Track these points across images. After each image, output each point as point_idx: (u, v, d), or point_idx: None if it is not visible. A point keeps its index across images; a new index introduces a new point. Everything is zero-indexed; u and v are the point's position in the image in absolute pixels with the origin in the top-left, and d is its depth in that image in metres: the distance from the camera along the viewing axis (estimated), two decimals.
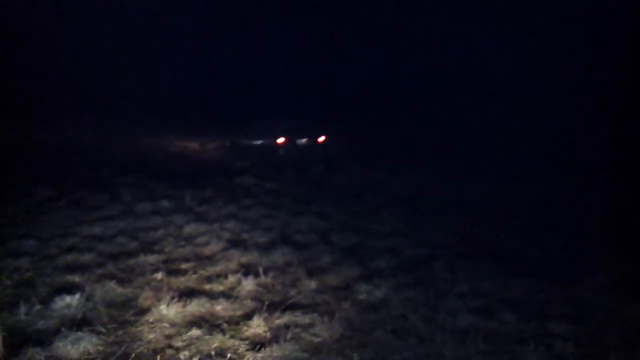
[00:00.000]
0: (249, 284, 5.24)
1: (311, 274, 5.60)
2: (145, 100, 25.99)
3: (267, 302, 4.81)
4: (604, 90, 21.14)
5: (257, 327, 4.35)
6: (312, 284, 5.31)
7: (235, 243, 6.59)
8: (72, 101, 23.29)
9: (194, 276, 5.46)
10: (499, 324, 4.59)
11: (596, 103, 20.27)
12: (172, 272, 5.50)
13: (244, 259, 6.02)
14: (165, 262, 5.86)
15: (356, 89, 29.62)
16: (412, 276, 5.62)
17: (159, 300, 4.74)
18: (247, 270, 5.58)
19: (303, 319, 4.50)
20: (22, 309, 4.51)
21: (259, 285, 5.26)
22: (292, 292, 5.15)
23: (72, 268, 5.54)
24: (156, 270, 5.48)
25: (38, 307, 4.58)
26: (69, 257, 5.87)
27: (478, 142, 18.40)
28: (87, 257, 5.88)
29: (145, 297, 4.86)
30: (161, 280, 5.27)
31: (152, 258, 5.93)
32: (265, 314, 4.54)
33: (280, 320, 4.48)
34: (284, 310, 4.65)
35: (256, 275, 5.42)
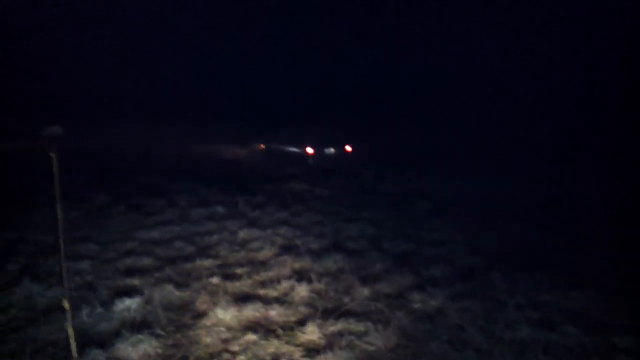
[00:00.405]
0: (302, 290, 5.27)
1: (364, 281, 5.58)
2: (176, 105, 26.63)
3: (320, 309, 4.84)
4: (605, 89, 20.47)
5: (312, 333, 4.37)
6: (365, 292, 5.29)
7: (288, 249, 6.65)
8: (110, 107, 24.11)
9: (249, 281, 5.54)
10: (559, 336, 4.45)
11: (601, 103, 19.66)
12: (227, 277, 5.60)
13: (297, 265, 6.06)
14: (220, 266, 5.97)
15: (357, 90, 29.55)
16: (468, 286, 5.52)
17: (215, 304, 4.84)
18: (300, 276, 5.62)
19: (357, 326, 4.49)
20: (85, 311, 4.69)
21: (312, 291, 5.29)
22: (346, 299, 5.15)
23: (131, 272, 5.72)
24: (212, 275, 5.59)
25: (99, 309, 4.75)
26: (128, 261, 6.06)
27: (499, 143, 18.07)
28: (145, 261, 6.05)
29: (202, 301, 4.96)
30: (217, 285, 5.37)
31: (207, 262, 6.05)
32: (319, 321, 4.56)
33: (334, 327, 4.49)
34: (338, 318, 4.66)
35: (309, 281, 5.45)
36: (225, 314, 4.63)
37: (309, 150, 15.61)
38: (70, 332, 3.22)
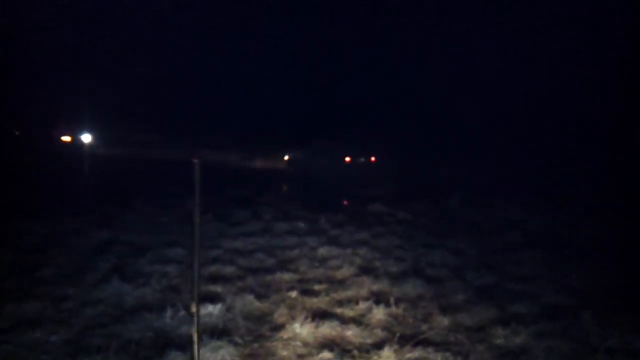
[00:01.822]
0: (379, 313, 5.20)
1: (444, 310, 5.43)
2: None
3: (398, 334, 4.74)
4: None
5: (388, 358, 4.28)
6: (445, 321, 5.14)
7: (367, 270, 6.60)
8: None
9: (326, 298, 5.54)
10: None
11: None
12: (305, 292, 5.63)
13: (375, 287, 6.00)
14: (299, 281, 6.02)
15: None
16: (556, 325, 5.21)
17: (293, 318, 4.87)
18: (378, 298, 5.55)
19: (435, 356, 4.36)
20: (168, 313, 4.86)
21: (389, 315, 5.20)
22: (424, 327, 5.02)
23: (215, 279, 5.90)
24: (291, 289, 5.65)
25: (182, 312, 4.91)
26: (213, 268, 6.25)
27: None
28: (228, 270, 6.22)
29: (280, 314, 5.02)
30: (295, 299, 5.41)
31: (287, 276, 6.12)
32: (396, 346, 4.46)
33: (411, 354, 4.38)
34: (415, 345, 4.54)
35: (387, 304, 5.37)
36: (302, 329, 4.65)
37: (347, 159, 15.97)
38: (195, 337, 3.32)
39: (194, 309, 3.23)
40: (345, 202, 13.35)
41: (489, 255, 7.91)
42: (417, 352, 4.40)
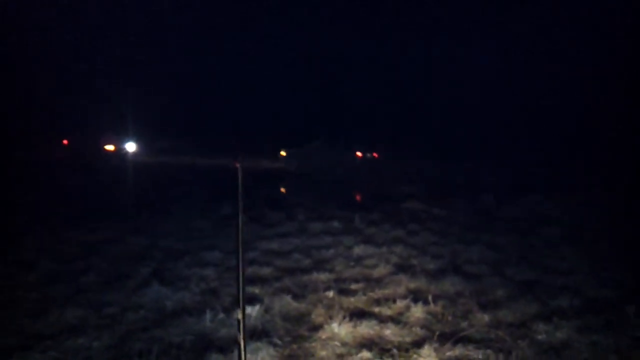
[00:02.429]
0: (418, 311, 5.15)
1: (484, 307, 5.34)
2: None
3: (437, 332, 4.69)
4: None
5: (428, 357, 4.24)
6: (485, 318, 5.06)
7: (403, 268, 6.56)
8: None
9: (364, 297, 5.52)
10: None
11: None
12: (342, 292, 5.62)
13: (412, 285, 5.95)
14: (336, 281, 6.01)
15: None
16: (599, 319, 5.08)
17: (331, 318, 4.87)
18: (416, 296, 5.50)
19: (476, 354, 4.29)
20: (208, 316, 4.91)
21: (428, 313, 5.15)
22: (464, 324, 4.95)
23: (252, 280, 5.94)
24: (328, 289, 5.65)
25: (221, 315, 4.96)
26: (250, 270, 6.30)
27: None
28: (265, 271, 6.26)
29: (318, 314, 5.02)
30: (332, 299, 5.41)
31: (323, 276, 6.13)
32: (436, 345, 4.42)
33: (451, 352, 4.32)
34: (456, 343, 4.48)
35: (425, 302, 5.32)
36: (340, 329, 4.64)
37: (359, 153, 16.16)
38: (242, 344, 3.34)
39: (239, 315, 3.25)
40: (358, 198, 13.30)
41: (528, 250, 7.76)
42: (458, 350, 4.34)
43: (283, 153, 18.82)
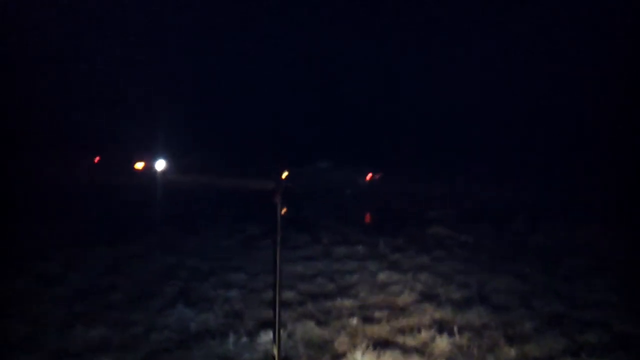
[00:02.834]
0: (443, 342, 5.06)
1: (511, 340, 5.22)
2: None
3: None
4: None
5: None
6: (512, 352, 4.94)
7: (429, 296, 6.46)
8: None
9: (388, 326, 5.45)
10: None
11: None
12: (366, 319, 5.56)
13: (438, 315, 5.86)
14: (360, 307, 5.96)
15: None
16: (629, 356, 4.93)
17: (354, 346, 4.82)
18: (441, 327, 5.42)
19: None
20: (231, 339, 4.92)
21: (453, 345, 5.06)
22: (490, 357, 4.84)
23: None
24: (352, 315, 5.60)
25: (245, 339, 4.96)
26: (273, 294, 6.27)
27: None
28: (289, 295, 6.25)
29: (341, 342, 4.98)
30: (356, 326, 5.36)
31: (347, 302, 6.08)
32: None
33: None
34: None
35: (451, 333, 5.23)
36: (364, 359, 4.59)
37: (370, 174, 15.95)
38: None
39: (274, 350, 3.25)
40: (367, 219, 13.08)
41: (557, 281, 7.58)
42: None
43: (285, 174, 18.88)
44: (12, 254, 8.01)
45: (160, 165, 18.82)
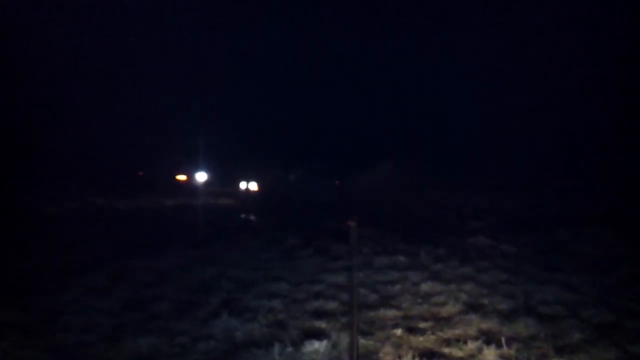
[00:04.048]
0: (490, 354, 4.98)
1: (560, 351, 5.10)
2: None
3: None
4: None
5: None
6: None
7: (474, 307, 6.36)
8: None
9: (432, 337, 5.39)
10: None
11: None
12: (410, 330, 5.51)
13: (484, 326, 5.76)
14: (403, 318, 5.91)
15: None
16: None
17: (399, 357, 4.79)
18: (488, 338, 5.32)
19: None
20: (276, 349, 4.94)
21: (501, 356, 4.96)
22: None
23: (319, 314, 5.94)
24: (396, 326, 5.56)
25: (290, 349, 4.98)
26: (316, 303, 6.31)
27: None
28: (332, 305, 6.25)
29: (386, 352, 4.95)
30: (400, 337, 5.32)
31: (390, 313, 6.04)
32: None
33: None
34: None
35: (498, 345, 5.13)
36: None
37: None
38: None
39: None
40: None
41: (606, 291, 7.36)
42: None
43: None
44: (60, 268, 8.25)
45: (201, 177, 19.10)
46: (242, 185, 18.80)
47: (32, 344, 5.15)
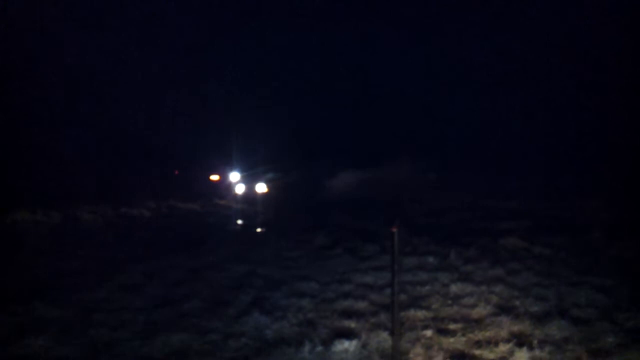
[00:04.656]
0: (522, 356, 4.93)
1: (593, 354, 5.02)
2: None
3: None
4: None
5: None
6: None
7: (505, 309, 6.29)
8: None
9: (463, 338, 5.36)
10: None
11: None
12: (441, 331, 5.49)
13: (515, 328, 5.69)
14: (433, 319, 5.88)
15: None
16: None
17: (430, 358, 4.77)
18: (520, 340, 5.27)
19: None
20: (306, 347, 4.98)
21: (533, 359, 4.92)
22: None
23: (348, 314, 5.95)
24: (426, 327, 5.54)
25: (320, 348, 5.01)
26: (345, 303, 6.33)
27: None
28: (361, 305, 6.26)
29: (416, 353, 4.94)
30: (431, 338, 5.30)
31: (420, 314, 6.02)
32: None
33: None
34: None
35: (530, 347, 5.08)
36: None
37: None
38: None
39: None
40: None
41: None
42: None
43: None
44: (94, 266, 8.46)
45: (234, 177, 19.24)
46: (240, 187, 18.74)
47: (69, 339, 5.30)
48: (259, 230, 12.03)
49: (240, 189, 17.57)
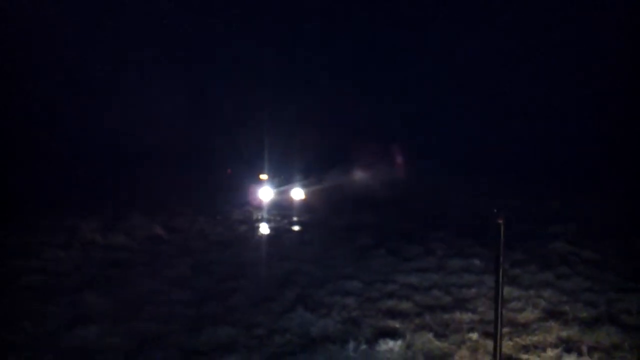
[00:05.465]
0: None
1: None
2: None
3: None
4: None
5: None
6: None
7: (553, 314, 6.17)
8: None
9: (510, 343, 5.28)
10: None
11: None
12: (487, 335, 5.42)
13: (564, 333, 5.58)
14: (479, 322, 5.82)
15: None
16: None
17: None
18: (568, 346, 5.16)
19: None
20: (351, 345, 5.01)
21: None
22: None
23: (392, 314, 5.96)
24: (471, 330, 5.49)
25: (364, 346, 5.03)
26: (390, 303, 6.33)
27: None
28: (405, 305, 6.25)
29: (461, 356, 4.91)
30: (476, 341, 5.25)
31: (466, 316, 5.97)
32: None
33: None
34: None
35: (579, 353, 4.97)
36: None
37: None
38: None
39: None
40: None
41: None
42: None
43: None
44: (144, 258, 8.72)
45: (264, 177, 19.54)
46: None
47: (119, 331, 5.49)
48: (299, 229, 12.11)
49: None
